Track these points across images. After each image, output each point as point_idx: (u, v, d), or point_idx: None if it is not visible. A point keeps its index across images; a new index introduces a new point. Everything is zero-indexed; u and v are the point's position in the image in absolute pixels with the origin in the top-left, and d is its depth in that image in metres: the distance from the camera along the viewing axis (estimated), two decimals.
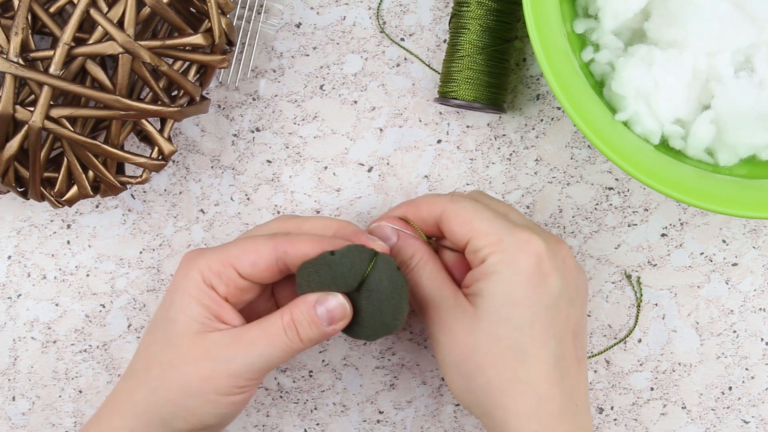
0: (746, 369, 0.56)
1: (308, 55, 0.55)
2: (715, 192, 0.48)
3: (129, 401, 0.45)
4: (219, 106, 0.55)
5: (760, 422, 0.56)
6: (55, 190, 0.49)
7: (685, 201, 0.46)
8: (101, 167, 0.48)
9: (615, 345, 0.56)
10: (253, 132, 0.55)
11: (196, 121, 0.56)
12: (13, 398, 0.56)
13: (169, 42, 0.47)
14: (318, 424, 0.56)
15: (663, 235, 0.55)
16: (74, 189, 0.49)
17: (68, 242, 0.56)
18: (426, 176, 0.55)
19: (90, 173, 0.49)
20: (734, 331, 0.55)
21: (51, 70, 0.45)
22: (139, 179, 0.50)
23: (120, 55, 0.46)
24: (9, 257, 0.56)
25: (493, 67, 0.52)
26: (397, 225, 0.48)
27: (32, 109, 0.45)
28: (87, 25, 0.49)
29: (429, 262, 0.47)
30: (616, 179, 0.55)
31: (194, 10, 0.50)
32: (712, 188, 0.49)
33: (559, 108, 0.55)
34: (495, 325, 0.44)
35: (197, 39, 0.47)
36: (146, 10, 0.48)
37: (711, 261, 0.55)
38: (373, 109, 0.55)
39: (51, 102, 0.46)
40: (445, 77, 0.53)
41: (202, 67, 0.50)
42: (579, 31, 0.52)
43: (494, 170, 0.55)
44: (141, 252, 0.56)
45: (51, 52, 0.46)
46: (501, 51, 0.52)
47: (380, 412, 0.56)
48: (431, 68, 0.55)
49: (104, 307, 0.56)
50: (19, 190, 0.49)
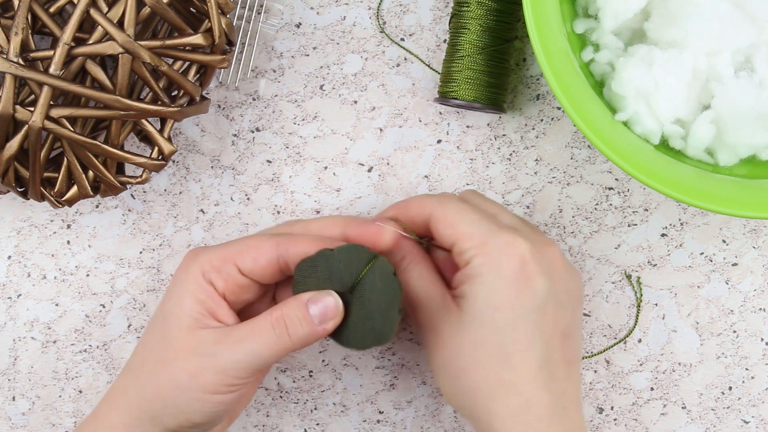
0: (746, 369, 0.56)
1: (308, 55, 0.55)
2: (715, 192, 0.48)
3: (124, 396, 0.45)
4: (219, 106, 0.55)
5: (760, 422, 0.56)
6: (55, 190, 0.49)
7: (685, 201, 0.46)
8: (101, 167, 0.48)
9: (615, 345, 0.56)
10: (253, 132, 0.55)
11: (196, 121, 0.56)
12: (13, 398, 0.56)
13: (169, 42, 0.47)
14: (318, 424, 0.56)
15: (663, 235, 0.55)
16: (74, 189, 0.49)
17: (68, 242, 0.56)
18: (426, 176, 0.55)
19: (90, 173, 0.49)
20: (734, 331, 0.55)
21: (51, 70, 0.45)
22: (139, 179, 0.50)
23: (120, 55, 0.46)
24: (9, 257, 0.56)
25: (493, 67, 0.52)
26: (389, 226, 0.48)
27: (32, 109, 0.45)
28: (87, 25, 0.49)
29: (419, 263, 0.47)
30: (616, 179, 0.55)
31: (194, 10, 0.50)
32: (712, 188, 0.49)
33: (559, 108, 0.55)
34: (478, 329, 0.44)
35: (197, 39, 0.47)
36: (146, 10, 0.48)
37: (711, 261, 0.55)
38: (373, 109, 0.55)
39: (51, 102, 0.46)
40: (445, 77, 0.53)
41: (202, 67, 0.50)
42: (579, 31, 0.52)
43: (494, 170, 0.55)
44: (141, 252, 0.56)
45: (51, 52, 0.46)
46: (501, 51, 0.52)
47: (380, 412, 0.56)
48: (431, 68, 0.55)
49: (104, 307, 0.56)
50: (19, 190, 0.49)
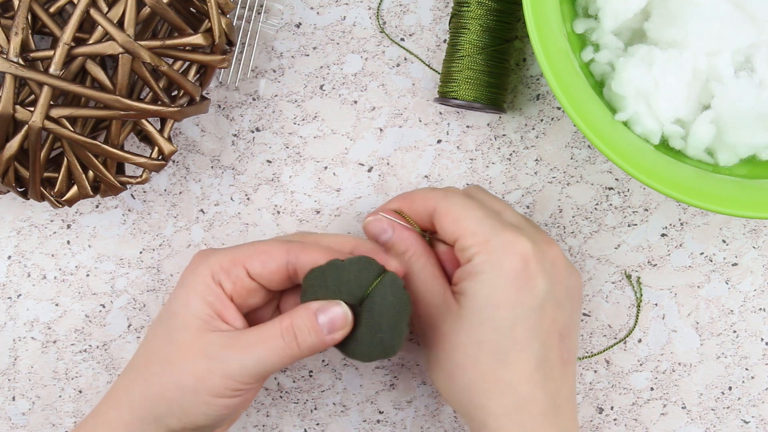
0: (746, 369, 0.56)
1: (308, 55, 0.55)
2: (715, 192, 0.48)
3: (126, 395, 0.45)
4: (219, 106, 0.55)
5: (760, 422, 0.56)
6: (55, 190, 0.49)
7: (685, 201, 0.46)
8: (101, 167, 0.48)
9: (615, 345, 0.56)
10: (253, 132, 0.55)
11: (196, 121, 0.56)
12: (13, 398, 0.56)
13: (169, 42, 0.47)
14: (318, 424, 0.56)
15: (663, 235, 0.55)
16: (74, 189, 0.49)
17: (68, 242, 0.56)
18: (426, 176, 0.55)
19: (90, 173, 0.49)
20: (734, 331, 0.55)
21: (51, 70, 0.45)
22: (139, 179, 0.50)
23: (120, 55, 0.46)
24: (9, 257, 0.56)
25: (493, 67, 0.52)
26: (394, 218, 0.48)
27: (32, 109, 0.45)
28: (87, 25, 0.49)
29: (421, 258, 0.47)
30: (616, 179, 0.55)
31: (194, 10, 0.50)
32: (712, 188, 0.49)
33: (559, 108, 0.55)
34: (477, 327, 0.44)
35: (197, 39, 0.47)
36: (146, 10, 0.48)
37: (711, 261, 0.55)
38: (373, 109, 0.55)
39: (51, 102, 0.46)
40: (445, 77, 0.53)
41: (202, 67, 0.50)
42: (579, 31, 0.52)
43: (494, 170, 0.55)
44: (141, 252, 0.56)
45: (51, 52, 0.46)
46: (501, 51, 0.52)
47: (380, 412, 0.56)
48: (431, 68, 0.55)
49: (104, 307, 0.56)
50: (19, 190, 0.49)
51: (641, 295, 0.55)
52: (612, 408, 0.56)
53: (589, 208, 0.55)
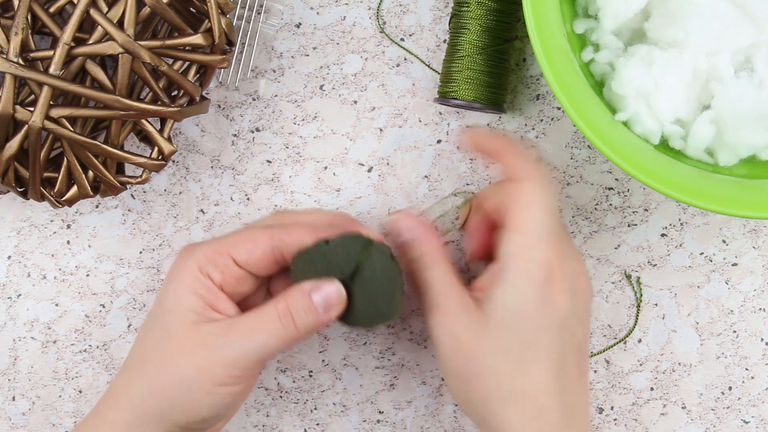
0: (746, 369, 0.56)
1: (308, 55, 0.55)
2: (715, 192, 0.48)
3: (126, 395, 0.45)
4: (219, 106, 0.55)
5: (760, 422, 0.56)
6: (55, 190, 0.49)
7: (685, 201, 0.46)
8: (101, 167, 0.48)
9: (615, 345, 0.56)
10: (253, 132, 0.55)
11: (196, 121, 0.56)
12: (13, 398, 0.56)
13: (169, 42, 0.47)
14: (318, 424, 0.56)
15: (663, 235, 0.55)
16: (74, 189, 0.49)
17: (68, 242, 0.56)
18: (426, 176, 0.55)
19: (90, 173, 0.49)
20: (734, 331, 0.55)
21: (51, 70, 0.45)
22: (139, 179, 0.50)
23: (120, 55, 0.46)
24: (9, 257, 0.56)
25: (493, 67, 0.52)
26: (413, 222, 0.47)
27: (32, 109, 0.45)
28: (87, 25, 0.49)
29: (438, 263, 0.46)
30: (616, 179, 0.55)
31: (194, 10, 0.50)
32: (712, 188, 0.49)
33: (559, 108, 0.55)
34: (502, 336, 0.43)
35: (197, 39, 0.47)
36: (146, 10, 0.48)
37: (711, 261, 0.55)
38: (373, 109, 0.55)
39: (51, 102, 0.46)
40: (445, 77, 0.53)
41: (202, 67, 0.50)
42: (579, 31, 0.52)
43: (494, 170, 0.55)
44: (141, 252, 0.56)
45: (51, 52, 0.46)
46: (501, 51, 0.52)
47: (380, 412, 0.56)
48: (431, 68, 0.55)
49: (104, 307, 0.56)
50: (19, 190, 0.49)
51: (641, 295, 0.55)
52: (612, 408, 0.56)
53: (589, 208, 0.55)
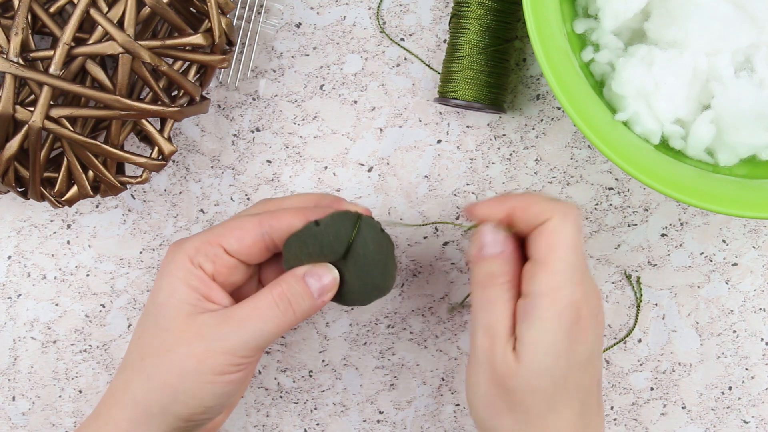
0: (746, 369, 0.56)
1: (308, 55, 0.55)
2: (715, 192, 0.48)
3: (126, 392, 0.45)
4: (219, 106, 0.55)
5: (760, 422, 0.56)
6: (55, 190, 0.49)
7: (685, 201, 0.46)
8: (101, 167, 0.48)
9: (615, 345, 0.56)
10: (253, 132, 0.55)
11: (196, 121, 0.56)
12: (13, 398, 0.56)
13: (169, 42, 0.47)
14: (318, 424, 0.56)
15: (663, 235, 0.55)
16: (74, 189, 0.49)
17: (68, 242, 0.56)
18: (426, 176, 0.55)
19: (90, 173, 0.49)
20: (734, 331, 0.55)
21: (51, 70, 0.45)
22: (139, 179, 0.50)
23: (120, 55, 0.46)
24: (9, 257, 0.56)
25: (493, 67, 0.52)
26: (500, 238, 0.45)
27: (32, 109, 0.45)
28: (87, 25, 0.49)
29: (512, 290, 0.45)
30: (616, 179, 0.55)
31: (194, 10, 0.50)
32: (712, 188, 0.49)
33: (559, 108, 0.55)
34: (534, 375, 0.43)
35: (197, 39, 0.47)
36: (146, 10, 0.48)
37: (711, 261, 0.55)
38: (373, 109, 0.55)
39: (51, 102, 0.46)
40: (445, 77, 0.53)
41: (202, 67, 0.50)
42: (579, 31, 0.52)
43: (494, 170, 0.55)
44: (141, 252, 0.56)
45: (51, 52, 0.46)
46: (501, 51, 0.52)
47: (380, 412, 0.56)
48: (431, 68, 0.55)
49: (104, 307, 0.56)
50: (19, 190, 0.49)
51: (641, 295, 0.55)
52: (612, 408, 0.56)
53: (589, 208, 0.55)
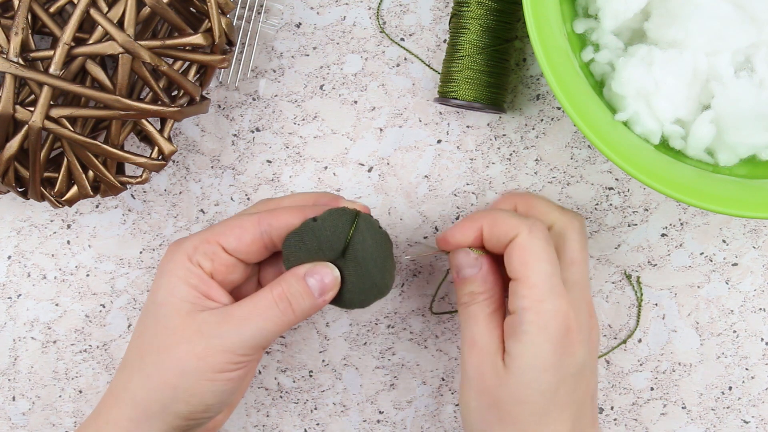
0: (746, 369, 0.56)
1: (308, 55, 0.55)
2: (715, 192, 0.48)
3: (126, 392, 0.45)
4: (219, 106, 0.55)
5: (760, 422, 0.56)
6: (55, 190, 0.49)
7: (685, 201, 0.46)
8: (101, 167, 0.48)
9: (618, 346, 0.56)
10: (253, 132, 0.55)
11: (196, 121, 0.56)
12: (13, 398, 0.56)
13: (169, 42, 0.47)
14: (318, 424, 0.56)
15: (663, 235, 0.55)
16: (74, 189, 0.49)
17: (68, 242, 0.56)
18: (426, 176, 0.55)
19: (90, 173, 0.49)
20: (734, 331, 0.55)
21: (51, 70, 0.45)
22: (139, 179, 0.50)
23: (120, 55, 0.46)
24: (9, 257, 0.56)
25: (493, 67, 0.52)
26: (474, 260, 0.47)
27: (32, 109, 0.45)
28: (87, 25, 0.49)
29: (493, 305, 0.47)
30: (616, 179, 0.55)
31: (194, 10, 0.50)
32: (712, 188, 0.49)
33: (559, 108, 0.55)
34: (521, 387, 0.44)
35: (197, 39, 0.47)
36: (146, 10, 0.48)
37: (711, 261, 0.55)
38: (373, 109, 0.55)
39: (51, 102, 0.46)
40: (445, 77, 0.53)
41: (202, 67, 0.50)
42: (579, 31, 0.52)
43: (494, 170, 0.55)
44: (141, 252, 0.56)
45: (51, 52, 0.46)
46: (501, 51, 0.52)
47: (380, 412, 0.56)
48: (431, 68, 0.55)
49: (104, 307, 0.56)
50: (19, 190, 0.49)
51: (641, 295, 0.55)
52: (612, 408, 0.56)
53: (589, 208, 0.55)
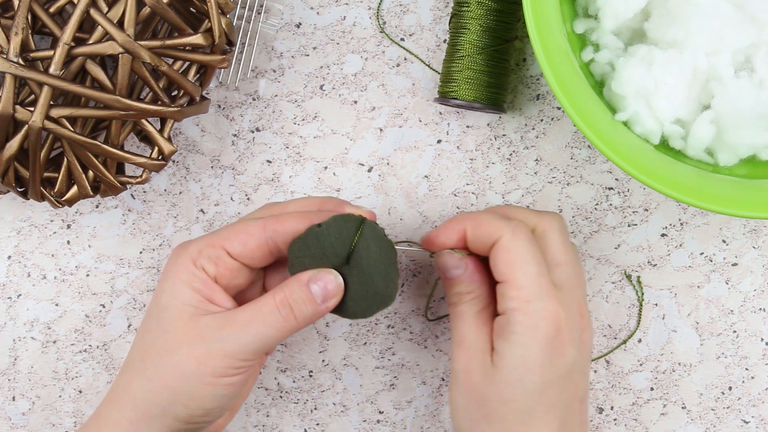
0: (746, 369, 0.56)
1: (308, 55, 0.55)
2: (715, 192, 0.48)
3: (127, 393, 0.45)
4: (219, 106, 0.55)
5: (760, 422, 0.56)
6: (55, 190, 0.49)
7: (685, 201, 0.46)
8: (101, 167, 0.48)
9: (619, 346, 0.56)
10: (253, 132, 0.55)
11: (196, 121, 0.56)
12: (13, 398, 0.56)
13: (169, 42, 0.47)
14: (318, 424, 0.56)
15: (663, 235, 0.55)
16: (74, 189, 0.49)
17: (68, 242, 0.56)
18: (426, 176, 0.55)
19: (90, 173, 0.49)
20: (734, 331, 0.55)
21: (51, 70, 0.45)
22: (139, 179, 0.50)
23: (120, 55, 0.46)
24: (9, 257, 0.56)
25: (493, 67, 0.52)
26: (461, 261, 0.47)
27: (32, 109, 0.45)
28: (87, 25, 0.49)
29: (480, 303, 0.47)
30: (616, 179, 0.55)
31: (194, 10, 0.50)
32: (712, 188, 0.49)
33: (559, 108, 0.55)
34: (508, 387, 0.44)
35: (197, 39, 0.47)
36: (146, 10, 0.48)
37: (711, 261, 0.55)
38: (373, 109, 0.55)
39: (51, 102, 0.46)
40: (445, 77, 0.53)
41: (202, 67, 0.50)
42: (579, 31, 0.52)
43: (494, 170, 0.55)
44: (141, 252, 0.56)
45: (51, 52, 0.46)
46: (501, 51, 0.52)
47: (380, 412, 0.56)
48: (431, 68, 0.55)
49: (104, 307, 0.56)
50: (19, 190, 0.49)
51: (642, 294, 0.55)
52: (612, 408, 0.56)
53: (589, 208, 0.55)
